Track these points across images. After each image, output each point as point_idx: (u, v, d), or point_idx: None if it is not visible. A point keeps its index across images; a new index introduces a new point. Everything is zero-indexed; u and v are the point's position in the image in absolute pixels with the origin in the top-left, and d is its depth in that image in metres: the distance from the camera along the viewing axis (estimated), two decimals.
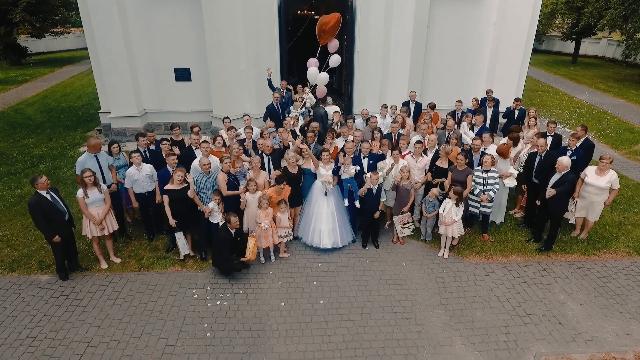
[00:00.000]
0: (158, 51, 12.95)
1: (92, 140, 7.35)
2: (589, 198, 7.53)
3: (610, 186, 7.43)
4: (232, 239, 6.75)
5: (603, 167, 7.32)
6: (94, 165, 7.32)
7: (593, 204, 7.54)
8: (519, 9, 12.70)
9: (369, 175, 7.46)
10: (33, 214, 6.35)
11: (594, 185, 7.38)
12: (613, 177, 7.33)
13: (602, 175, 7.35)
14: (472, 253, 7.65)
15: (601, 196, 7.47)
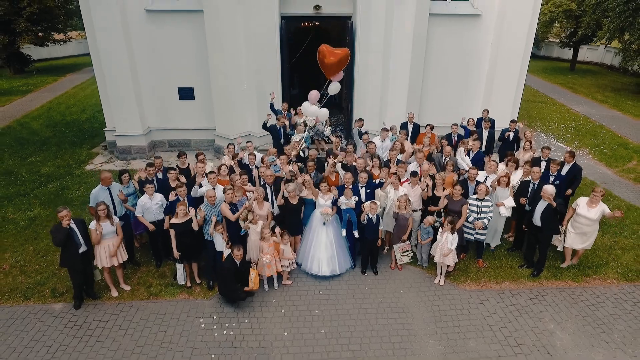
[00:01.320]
0: (162, 71, 13.26)
1: (103, 174, 7.69)
2: (581, 229, 7.84)
3: (601, 217, 7.70)
4: (236, 269, 7.08)
5: (594, 200, 7.63)
6: (107, 198, 7.65)
7: (586, 234, 7.84)
8: (515, 29, 12.99)
9: (367, 205, 7.78)
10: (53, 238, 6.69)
11: (585, 217, 7.69)
12: (605, 210, 7.61)
13: (593, 208, 7.65)
14: (467, 279, 7.99)
15: (592, 227, 7.78)
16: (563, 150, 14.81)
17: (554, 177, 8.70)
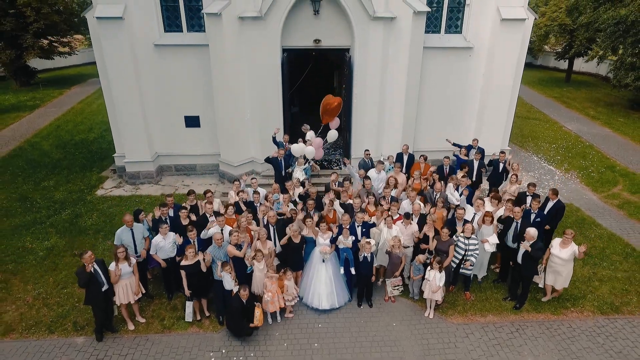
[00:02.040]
0: (169, 100, 13.94)
1: (126, 217, 8.39)
2: (555, 267, 8.53)
3: (573, 257, 8.38)
4: (243, 306, 7.80)
5: (566, 241, 8.31)
6: (129, 237, 8.37)
7: (560, 273, 8.54)
8: (504, 61, 13.66)
9: (362, 244, 8.49)
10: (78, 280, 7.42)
11: (558, 257, 8.38)
12: (575, 251, 8.29)
13: (565, 248, 8.34)
14: (454, 312, 8.70)
15: (565, 267, 8.46)
16: (552, 173, 15.51)
17: (535, 215, 9.39)
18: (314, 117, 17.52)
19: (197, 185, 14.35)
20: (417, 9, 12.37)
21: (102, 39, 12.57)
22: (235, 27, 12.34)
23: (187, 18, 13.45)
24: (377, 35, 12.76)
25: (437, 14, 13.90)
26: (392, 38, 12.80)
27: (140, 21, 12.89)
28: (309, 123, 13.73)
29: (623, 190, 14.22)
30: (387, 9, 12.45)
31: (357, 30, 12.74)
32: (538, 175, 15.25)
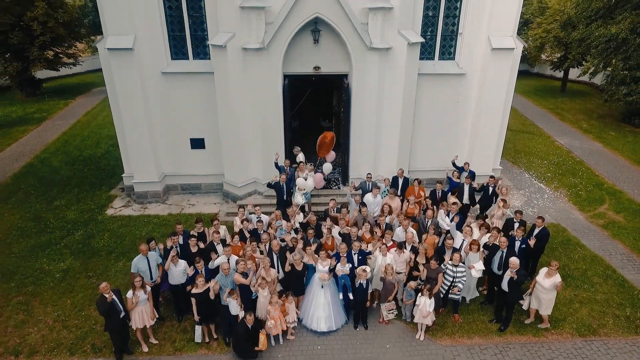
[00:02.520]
0: (176, 124, 14.66)
1: (142, 246, 9.13)
2: (539, 295, 9.26)
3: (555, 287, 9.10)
4: (248, 331, 8.54)
5: (551, 272, 9.04)
6: (145, 265, 9.12)
7: (542, 300, 9.26)
8: (495, 86, 14.38)
9: (359, 270, 9.23)
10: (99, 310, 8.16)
11: (541, 285, 9.12)
12: (557, 280, 9.01)
13: (548, 278, 9.07)
14: (443, 335, 9.46)
15: (548, 295, 9.18)
16: (542, 192, 16.24)
17: (520, 242, 10.12)
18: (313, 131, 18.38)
19: (202, 204, 15.10)
20: (412, 41, 13.09)
21: (113, 68, 13.29)
22: (239, 57, 13.05)
23: (193, 46, 14.15)
24: (374, 64, 13.46)
25: (431, 41, 14.62)
26: (388, 66, 13.50)
27: (149, 50, 13.60)
28: (308, 137, 14.47)
29: (609, 209, 14.95)
30: (383, 40, 13.14)
31: (355, 59, 13.45)
32: (528, 194, 15.96)
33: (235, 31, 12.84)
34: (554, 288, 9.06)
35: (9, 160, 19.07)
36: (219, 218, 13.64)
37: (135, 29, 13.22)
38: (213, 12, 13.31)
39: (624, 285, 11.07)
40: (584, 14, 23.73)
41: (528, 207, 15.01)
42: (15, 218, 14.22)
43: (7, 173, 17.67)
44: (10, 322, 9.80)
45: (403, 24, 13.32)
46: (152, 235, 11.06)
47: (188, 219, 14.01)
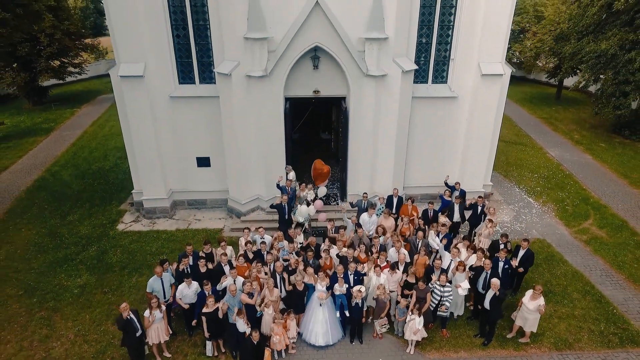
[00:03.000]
0: (183, 143, 15.55)
1: (157, 269, 10.03)
2: (524, 314, 10.18)
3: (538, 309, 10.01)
4: (254, 346, 9.47)
5: (535, 295, 9.95)
6: (159, 285, 10.05)
7: (527, 319, 10.17)
8: (485, 108, 15.26)
9: (355, 290, 10.17)
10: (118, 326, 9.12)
11: (527, 307, 10.04)
12: (541, 302, 9.92)
13: (533, 301, 9.98)
14: (431, 349, 10.40)
15: (532, 315, 10.06)
16: (531, 206, 17.15)
17: (503, 262, 11.05)
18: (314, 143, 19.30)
19: (207, 219, 16.03)
20: (405, 69, 13.98)
21: (124, 94, 14.19)
22: (243, 83, 13.93)
23: (199, 72, 15.04)
24: (370, 89, 14.35)
25: (424, 66, 15.50)
26: (384, 91, 14.38)
27: (158, 76, 14.49)
28: (308, 150, 15.36)
29: (593, 225, 15.86)
30: (378, 68, 14.03)
31: (352, 84, 14.34)
32: (517, 209, 16.87)
33: (240, 60, 13.72)
34: (538, 310, 9.97)
35: (22, 173, 19.97)
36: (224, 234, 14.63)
37: (145, 56, 14.09)
38: (218, 40, 14.18)
39: (600, 301, 11.99)
40: (575, 29, 24.57)
41: (516, 223, 15.93)
42: (32, 233, 15.14)
43: (21, 187, 18.58)
44: (35, 337, 10.74)
45: (398, 52, 14.20)
46: (163, 253, 12.04)
47: (195, 235, 14.95)
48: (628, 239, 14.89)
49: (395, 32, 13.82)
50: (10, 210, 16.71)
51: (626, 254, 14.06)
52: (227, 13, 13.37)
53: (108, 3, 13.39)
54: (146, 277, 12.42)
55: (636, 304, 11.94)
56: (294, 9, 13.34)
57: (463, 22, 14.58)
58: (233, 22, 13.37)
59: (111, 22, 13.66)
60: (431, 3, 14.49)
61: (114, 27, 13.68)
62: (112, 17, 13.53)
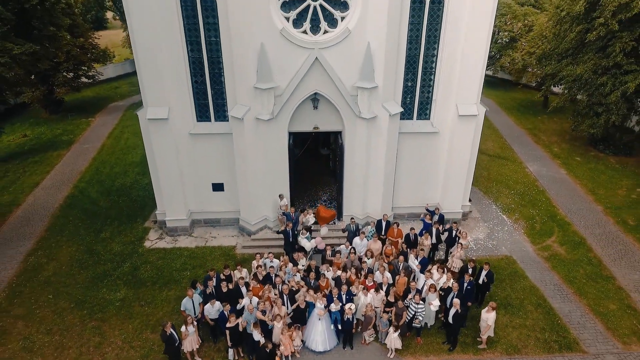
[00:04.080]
0: (201, 171, 18.22)
1: (189, 291, 12.84)
2: (482, 323, 13.04)
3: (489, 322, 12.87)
4: (267, 353, 12.35)
5: (489, 310, 12.79)
6: (190, 305, 12.85)
7: (484, 327, 13.04)
8: (462, 143, 17.88)
9: (347, 308, 13.01)
10: (162, 339, 11.98)
11: (483, 318, 12.89)
12: (492, 318, 12.77)
13: (488, 313, 12.82)
14: (407, 353, 13.28)
15: (488, 322, 12.92)
16: (504, 224, 19.90)
17: (466, 284, 13.86)
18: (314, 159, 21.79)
19: (222, 237, 18.82)
20: (392, 113, 16.58)
21: (151, 134, 16.83)
22: (253, 124, 16.54)
23: (215, 111, 17.63)
24: (362, 128, 16.97)
25: (410, 105, 18.08)
26: (374, 130, 16.99)
27: (179, 116, 17.09)
28: (307, 166, 18.05)
29: (555, 242, 18.64)
30: (369, 111, 16.61)
31: (347, 123, 16.97)
32: (492, 226, 19.64)
33: (250, 105, 16.32)
34: (493, 320, 12.84)
35: (52, 189, 22.70)
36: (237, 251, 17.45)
37: (169, 100, 16.69)
38: (231, 87, 16.72)
39: (549, 313, 14.84)
40: (556, 51, 26.97)
41: (489, 240, 18.71)
42: (72, 250, 17.95)
43: (55, 204, 21.33)
44: (91, 343, 13.63)
45: (386, 97, 16.77)
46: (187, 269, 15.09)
47: (212, 252, 17.78)
48: (583, 256, 17.68)
49: (384, 80, 16.36)
50: (49, 228, 19.47)
51: (578, 270, 16.86)
52: (239, 65, 15.89)
53: (139, 58, 15.91)
54: (174, 292, 15.41)
55: (578, 315, 14.78)
56: (296, 61, 15.90)
57: (443, 70, 17.10)
58: (245, 73, 15.90)
59: (140, 73, 16.20)
60: (415, 54, 16.99)
61: (143, 77, 16.23)
62: (141, 69, 16.07)
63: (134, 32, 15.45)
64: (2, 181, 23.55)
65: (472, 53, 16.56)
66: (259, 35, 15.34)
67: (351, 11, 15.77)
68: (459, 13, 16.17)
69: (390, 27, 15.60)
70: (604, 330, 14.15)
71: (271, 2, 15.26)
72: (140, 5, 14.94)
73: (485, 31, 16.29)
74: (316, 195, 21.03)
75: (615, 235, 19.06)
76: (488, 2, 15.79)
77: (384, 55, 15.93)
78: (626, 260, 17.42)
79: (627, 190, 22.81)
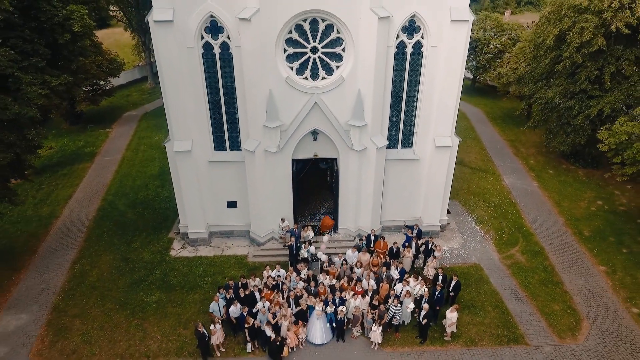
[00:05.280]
0: (217, 192, 21.94)
1: (215, 297, 16.69)
2: (446, 322, 16.92)
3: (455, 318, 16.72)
4: (277, 345, 16.25)
5: (453, 310, 16.62)
6: (217, 307, 16.70)
7: (448, 325, 16.89)
8: (439, 169, 21.59)
9: (339, 310, 16.90)
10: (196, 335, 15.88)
11: (448, 317, 16.76)
12: (454, 317, 16.63)
13: (451, 313, 16.68)
14: (387, 345, 17.16)
15: (451, 320, 16.79)
16: (476, 235, 23.68)
17: (438, 292, 17.70)
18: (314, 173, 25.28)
19: (235, 246, 22.62)
20: (379, 146, 20.25)
21: (178, 163, 20.53)
22: (262, 155, 20.21)
23: (230, 143, 21.30)
24: (354, 157, 20.66)
25: (395, 136, 21.74)
26: (364, 159, 20.68)
27: (200, 147, 20.75)
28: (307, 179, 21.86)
29: (518, 251, 22.45)
30: (360, 143, 20.28)
31: (341, 153, 20.67)
32: (465, 237, 23.43)
33: (261, 140, 19.98)
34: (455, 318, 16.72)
35: (84, 202, 26.46)
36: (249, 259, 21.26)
37: (192, 135, 20.35)
38: (244, 123, 20.35)
39: (504, 313, 18.70)
40: (532, 74, 30.52)
41: (462, 250, 22.52)
42: (110, 258, 21.77)
43: (88, 216, 25.10)
44: (136, 337, 17.50)
45: (374, 132, 20.41)
46: (208, 275, 18.87)
47: (228, 260, 21.58)
48: (539, 264, 21.50)
49: (372, 118, 19.99)
50: (87, 238, 23.28)
51: (533, 276, 20.70)
52: (251, 107, 19.45)
53: (168, 101, 19.53)
54: (199, 295, 19.22)
55: (527, 314, 18.64)
56: (299, 103, 19.49)
57: (422, 108, 20.70)
58: (256, 113, 19.48)
59: (169, 112, 19.81)
60: (399, 95, 20.60)
61: (171, 116, 19.85)
62: (169, 109, 19.67)
63: (164, 80, 19.01)
64: (39, 194, 27.26)
65: (446, 94, 20.13)
66: (268, 83, 18.93)
67: (345, 62, 19.34)
68: (435, 62, 19.72)
69: (377, 75, 19.15)
70: (546, 327, 18.02)
71: (278, 55, 18.82)
72: (170, 58, 18.43)
73: (457, 77, 19.85)
74: (315, 208, 24.77)
75: (570, 245, 22.87)
76: (458, 55, 19.32)
77: (372, 99, 19.53)
78: (575, 268, 21.25)
79: (588, 203, 26.54)
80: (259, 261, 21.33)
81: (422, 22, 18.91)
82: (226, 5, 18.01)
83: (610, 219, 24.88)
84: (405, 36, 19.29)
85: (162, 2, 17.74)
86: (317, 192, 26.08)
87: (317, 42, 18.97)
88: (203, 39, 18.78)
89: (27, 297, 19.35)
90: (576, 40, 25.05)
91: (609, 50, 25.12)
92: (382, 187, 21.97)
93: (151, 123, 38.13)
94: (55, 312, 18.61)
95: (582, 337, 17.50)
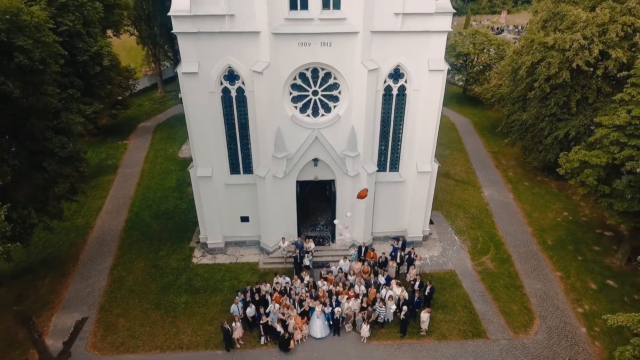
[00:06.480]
0: (233, 208, 26.37)
1: (235, 300, 21.26)
2: (420, 321, 21.51)
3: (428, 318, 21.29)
4: (285, 338, 20.84)
5: (425, 312, 21.19)
6: (236, 308, 21.25)
7: (423, 322, 21.49)
8: (422, 188, 26.01)
9: (336, 310, 21.48)
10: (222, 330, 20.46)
11: (421, 316, 21.33)
12: (427, 317, 21.19)
13: (425, 314, 21.23)
14: (374, 339, 21.73)
15: (425, 318, 21.36)
16: (454, 244, 28.18)
17: (416, 297, 22.25)
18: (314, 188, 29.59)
19: (248, 254, 27.14)
20: (369, 172, 24.66)
21: (200, 186, 24.97)
22: (271, 179, 24.63)
23: (243, 167, 25.71)
24: (349, 181, 25.08)
25: (384, 162, 26.14)
26: (357, 182, 25.09)
27: (219, 172, 25.16)
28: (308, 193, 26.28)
29: (489, 259, 26.96)
30: (353, 170, 24.69)
31: (337, 177, 25.11)
32: (444, 246, 27.91)
33: (270, 167, 24.40)
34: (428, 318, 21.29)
35: (114, 214, 30.93)
36: (260, 266, 25.81)
37: (212, 162, 24.77)
38: (255, 152, 24.74)
39: (471, 312, 23.24)
40: (511, 95, 34.79)
41: (441, 257, 27.02)
42: (142, 265, 26.30)
43: (119, 226, 29.60)
44: (171, 332, 22.09)
45: (365, 160, 24.79)
46: (226, 280, 23.29)
47: (242, 267, 26.10)
48: (506, 270, 26.01)
49: (364, 149, 24.36)
50: (120, 247, 27.79)
51: (499, 281, 25.23)
52: (262, 140, 23.82)
53: (192, 134, 23.90)
54: (219, 297, 23.75)
55: (490, 313, 23.18)
56: (302, 136, 23.82)
57: (407, 138, 25.02)
58: (265, 145, 23.86)
59: (193, 143, 24.18)
60: (387, 129, 24.93)
61: (195, 146, 24.23)
62: (194, 141, 24.02)
63: (190, 118, 23.30)
64: (73, 205, 31.40)
65: (426, 129, 24.46)
66: (276, 121, 23.27)
67: (341, 102, 23.67)
68: (417, 102, 24.00)
69: (368, 114, 23.48)
70: (504, 324, 22.58)
71: (285, 97, 23.15)
72: (194, 101, 22.71)
73: (435, 113, 24.13)
74: (315, 220, 29.23)
75: (534, 253, 27.36)
76: (436, 97, 23.60)
77: (363, 133, 23.87)
78: (535, 273, 25.77)
79: (555, 214, 30.98)
80: (269, 268, 25.85)
81: (405, 70, 23.16)
82: (242, 58, 22.25)
83: (572, 229, 29.31)
84: (392, 81, 23.54)
85: (189, 57, 21.99)
86: (317, 205, 30.44)
87: (317, 86, 23.24)
88: (222, 84, 23.06)
89: (77, 299, 23.88)
90: (544, 72, 29.25)
91: (572, 82, 29.34)
92: (373, 204, 26.37)
93: (164, 135, 42.36)
94: (102, 311, 23.15)
95: (532, 333, 22.07)
